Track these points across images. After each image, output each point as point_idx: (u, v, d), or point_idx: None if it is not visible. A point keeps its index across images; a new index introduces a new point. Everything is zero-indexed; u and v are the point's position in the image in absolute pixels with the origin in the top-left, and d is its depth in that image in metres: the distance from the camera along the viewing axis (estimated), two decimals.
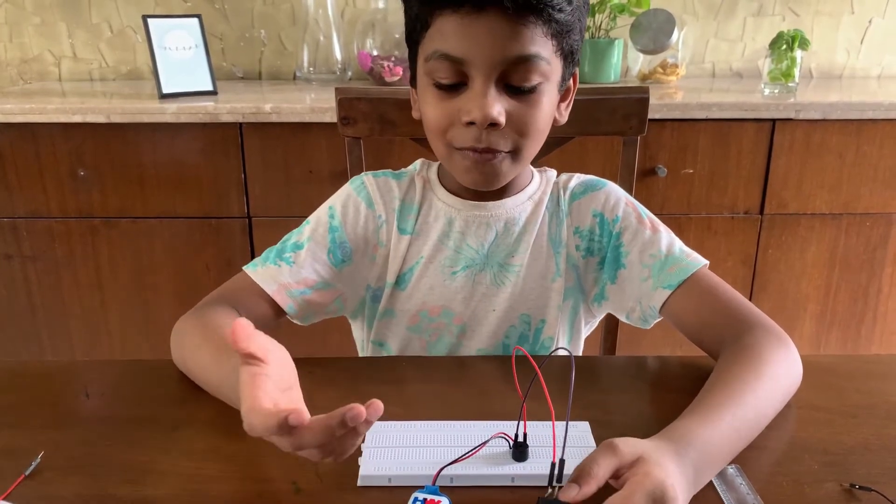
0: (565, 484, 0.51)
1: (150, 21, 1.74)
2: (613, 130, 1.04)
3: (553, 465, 0.55)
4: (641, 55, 1.97)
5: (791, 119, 1.63)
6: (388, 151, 1.63)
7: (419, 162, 0.94)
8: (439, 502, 0.54)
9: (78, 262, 1.73)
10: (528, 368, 0.65)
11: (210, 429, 0.67)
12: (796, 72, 1.75)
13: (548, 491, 0.54)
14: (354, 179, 0.92)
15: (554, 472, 0.55)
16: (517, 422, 0.61)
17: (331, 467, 0.61)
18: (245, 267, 0.86)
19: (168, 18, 1.79)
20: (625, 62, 2.06)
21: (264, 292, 0.84)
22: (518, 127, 0.77)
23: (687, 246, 0.86)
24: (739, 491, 0.57)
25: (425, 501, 0.54)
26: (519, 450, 0.60)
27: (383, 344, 0.94)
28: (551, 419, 0.64)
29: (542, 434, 0.63)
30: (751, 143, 1.66)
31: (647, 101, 1.03)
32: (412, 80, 0.84)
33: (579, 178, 0.92)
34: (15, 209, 1.69)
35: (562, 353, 0.67)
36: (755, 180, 1.69)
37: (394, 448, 0.62)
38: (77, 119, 1.60)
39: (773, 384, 0.67)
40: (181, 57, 1.77)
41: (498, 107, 0.74)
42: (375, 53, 1.96)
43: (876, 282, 1.79)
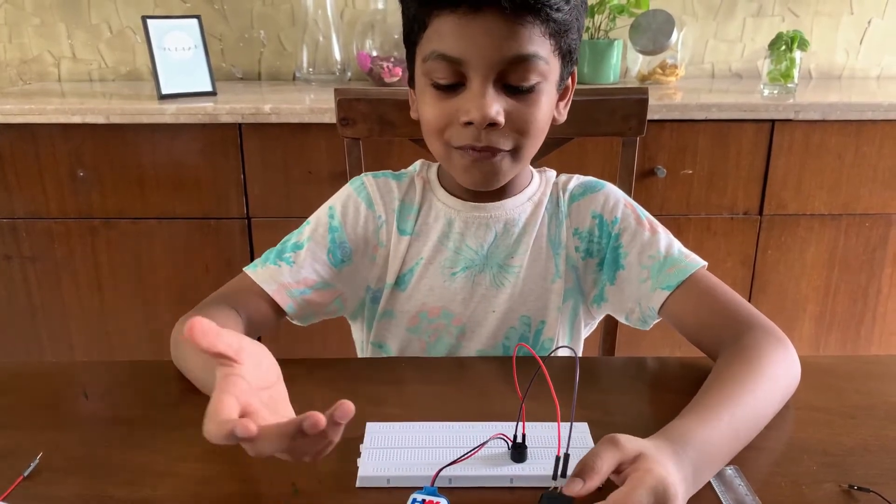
0: (569, 478, 0.51)
1: (150, 22, 1.74)
2: (613, 131, 1.05)
3: (558, 459, 0.55)
4: (641, 56, 1.97)
5: (790, 120, 1.63)
6: (388, 152, 1.63)
7: (419, 163, 0.94)
8: (438, 503, 0.54)
9: (77, 263, 1.73)
10: (527, 370, 0.65)
11: None
12: (795, 72, 1.75)
13: (551, 486, 0.54)
14: (354, 180, 0.93)
15: (558, 467, 0.55)
16: (516, 423, 0.61)
17: (330, 468, 0.61)
18: (245, 268, 0.86)
19: (167, 19, 1.79)
20: (624, 63, 2.06)
21: (264, 292, 0.84)
22: (517, 126, 0.77)
23: (686, 247, 0.86)
24: (738, 492, 0.57)
25: (424, 502, 0.54)
26: (518, 451, 0.60)
27: (382, 345, 0.94)
28: (551, 419, 0.64)
29: (541, 435, 0.63)
30: (750, 144, 1.66)
31: (647, 102, 1.03)
32: (410, 81, 0.85)
33: (578, 180, 0.92)
34: (14, 210, 1.69)
35: (565, 352, 0.67)
36: (754, 181, 1.69)
37: (392, 449, 0.62)
38: (76, 120, 1.60)
39: (772, 384, 0.67)
40: (180, 57, 1.77)
41: (496, 107, 0.74)
42: (375, 54, 1.96)
43: (875, 282, 1.79)
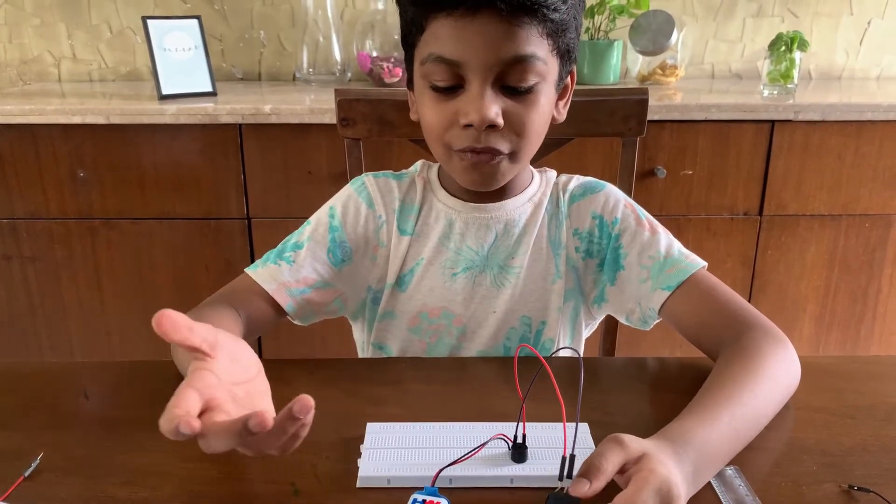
0: (574, 479, 0.51)
1: (150, 22, 1.74)
2: (612, 132, 1.05)
3: (563, 460, 0.55)
4: (641, 56, 1.97)
5: (790, 120, 1.63)
6: (388, 152, 1.63)
7: (420, 163, 0.94)
8: (438, 503, 0.54)
9: (77, 263, 1.73)
10: (528, 371, 0.65)
11: None
12: (795, 73, 1.75)
13: (557, 487, 0.54)
14: (355, 180, 0.93)
15: (564, 468, 0.54)
16: (516, 423, 0.61)
17: (330, 468, 0.61)
18: (246, 269, 0.86)
19: (167, 19, 1.79)
20: (624, 63, 2.06)
21: (264, 291, 0.84)
22: (516, 127, 0.77)
23: (686, 247, 0.86)
24: (738, 492, 0.57)
25: (424, 503, 0.54)
26: (518, 451, 0.60)
27: (383, 347, 0.93)
28: (552, 419, 0.64)
29: (542, 435, 0.63)
30: (750, 145, 1.66)
31: (647, 103, 1.03)
32: (409, 83, 0.85)
33: (579, 180, 0.92)
34: (14, 210, 1.69)
35: (566, 353, 0.67)
36: (754, 181, 1.69)
37: (393, 449, 0.62)
38: (76, 120, 1.60)
39: (772, 384, 0.67)
40: (181, 58, 1.77)
41: (495, 108, 0.74)
42: (375, 54, 1.96)
43: (875, 283, 1.79)
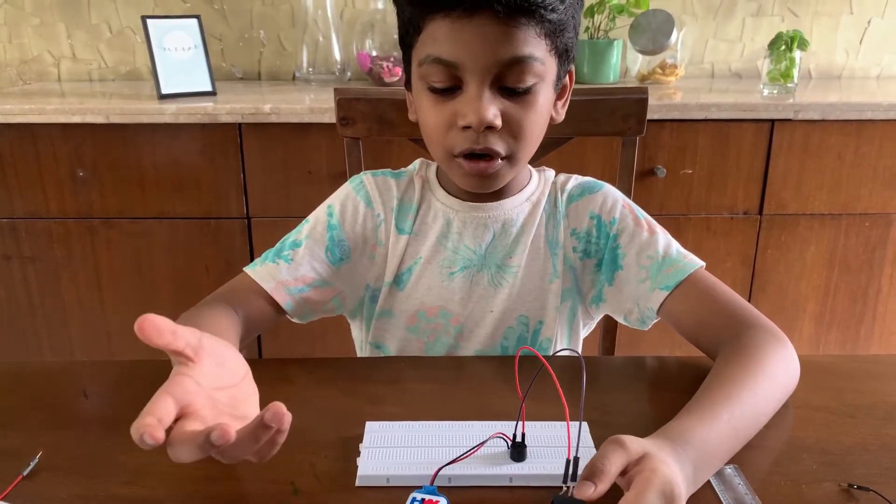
0: (578, 482, 0.51)
1: (150, 22, 1.74)
2: (612, 131, 1.05)
3: (568, 462, 0.55)
4: (640, 56, 1.97)
5: (790, 119, 1.63)
6: (387, 152, 1.63)
7: (419, 161, 0.94)
8: (437, 502, 0.54)
9: (77, 263, 1.73)
10: (527, 369, 0.65)
11: None
12: (795, 72, 1.75)
13: (562, 489, 0.54)
14: (354, 178, 0.93)
15: (568, 471, 0.54)
16: (515, 422, 0.61)
17: (329, 467, 0.61)
18: (245, 267, 0.86)
19: (167, 19, 1.79)
20: (624, 63, 2.06)
21: (263, 290, 0.84)
22: (514, 128, 0.77)
23: (685, 247, 0.86)
24: (737, 491, 0.57)
25: (423, 502, 0.54)
26: (517, 450, 0.60)
27: (380, 346, 0.93)
28: (550, 418, 0.64)
29: (541, 434, 0.63)
30: (750, 144, 1.66)
31: (646, 102, 1.03)
32: (407, 83, 0.85)
33: (577, 180, 0.92)
34: (14, 210, 1.69)
35: (567, 353, 0.67)
36: (754, 181, 1.69)
37: (392, 448, 0.62)
38: (76, 119, 1.60)
39: (771, 383, 0.66)
40: (180, 57, 1.77)
41: (493, 109, 0.74)
42: (374, 54, 1.96)
43: (875, 282, 1.79)
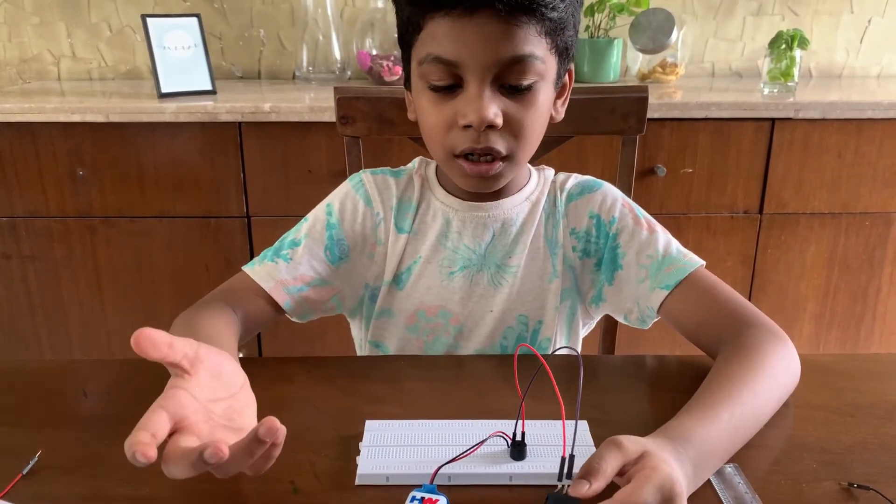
0: (574, 480, 0.51)
1: (149, 20, 1.74)
2: (612, 130, 1.04)
3: (563, 461, 0.55)
4: (641, 55, 1.97)
5: (790, 118, 1.63)
6: (387, 151, 1.63)
7: (418, 160, 0.94)
8: (437, 501, 0.54)
9: (77, 262, 1.73)
10: (527, 368, 0.65)
11: None
12: (795, 71, 1.75)
13: (557, 487, 0.54)
14: (353, 177, 0.92)
15: (563, 469, 0.54)
16: (515, 420, 0.61)
17: (329, 466, 0.61)
18: (244, 266, 0.86)
19: (167, 18, 1.79)
20: (624, 62, 2.06)
21: (262, 289, 0.84)
22: (515, 126, 0.77)
23: (686, 246, 0.85)
24: (737, 490, 0.57)
25: (423, 500, 0.54)
26: (517, 449, 0.60)
27: (380, 345, 0.93)
28: (550, 417, 0.64)
29: (541, 433, 0.63)
30: (750, 143, 1.66)
31: (646, 101, 1.03)
32: (406, 83, 0.84)
33: (576, 179, 0.92)
34: (14, 209, 1.69)
35: (566, 352, 0.67)
36: (754, 180, 1.69)
37: (392, 447, 0.62)
38: (76, 118, 1.60)
39: (772, 382, 0.66)
40: (180, 56, 1.77)
41: (494, 108, 0.74)
42: (374, 53, 1.96)
43: (875, 281, 1.79)
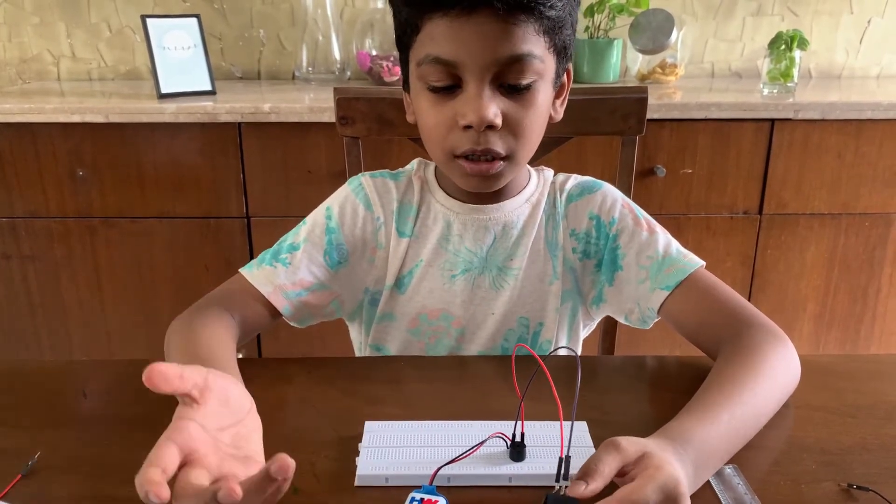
0: (572, 481, 0.51)
1: (149, 21, 1.74)
2: (612, 130, 1.04)
3: (560, 461, 0.55)
4: (640, 55, 1.97)
5: (790, 119, 1.63)
6: (387, 151, 1.63)
7: (416, 161, 0.93)
8: (436, 502, 0.54)
9: (77, 262, 1.73)
10: (527, 369, 0.65)
11: None
12: (795, 72, 1.75)
13: (555, 488, 0.54)
14: (352, 180, 0.92)
15: (561, 469, 0.54)
16: (515, 422, 0.61)
17: (329, 467, 0.61)
18: (241, 269, 0.85)
19: (167, 18, 1.79)
20: (624, 62, 2.05)
21: (260, 294, 0.83)
22: (515, 126, 0.76)
23: (685, 246, 0.85)
24: (737, 490, 0.57)
25: (422, 501, 0.54)
26: (516, 450, 0.60)
27: (381, 348, 0.93)
28: (550, 418, 0.64)
29: (540, 434, 0.63)
30: (750, 144, 1.66)
31: (646, 101, 1.03)
32: (405, 84, 0.84)
33: (576, 180, 0.92)
34: (13, 209, 1.69)
35: (564, 353, 0.67)
36: (754, 180, 1.69)
37: (391, 448, 0.62)
38: (76, 119, 1.60)
39: (772, 383, 0.66)
40: (180, 57, 1.77)
41: (493, 108, 0.74)
42: (374, 53, 1.96)
43: (875, 282, 1.79)
